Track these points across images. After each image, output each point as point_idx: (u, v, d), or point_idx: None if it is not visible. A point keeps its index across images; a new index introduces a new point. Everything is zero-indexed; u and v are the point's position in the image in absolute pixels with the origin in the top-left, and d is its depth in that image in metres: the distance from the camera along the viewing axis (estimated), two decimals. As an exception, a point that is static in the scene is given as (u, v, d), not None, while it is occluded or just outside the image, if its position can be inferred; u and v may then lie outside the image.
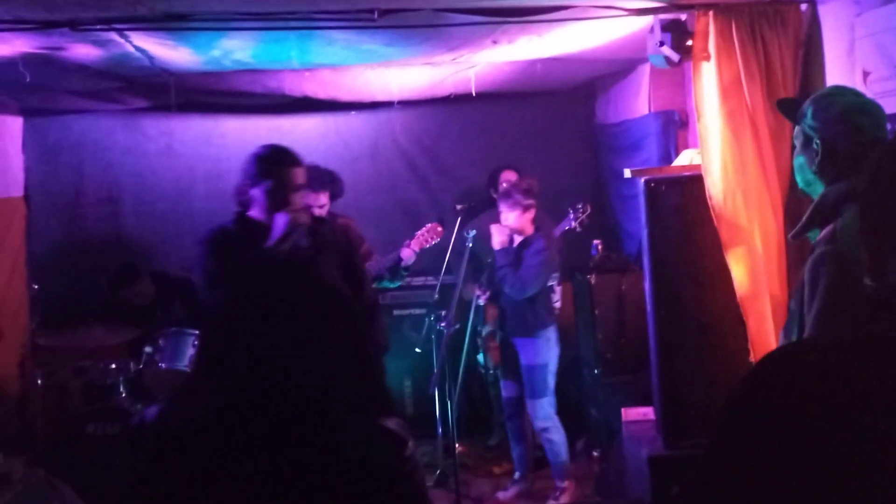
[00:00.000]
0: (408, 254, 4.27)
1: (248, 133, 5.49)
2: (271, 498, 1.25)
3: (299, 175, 3.06)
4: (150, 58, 3.93)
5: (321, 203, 4.28)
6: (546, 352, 4.19)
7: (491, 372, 4.65)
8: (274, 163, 3.02)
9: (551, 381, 4.22)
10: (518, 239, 4.25)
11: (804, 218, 2.03)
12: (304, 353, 1.32)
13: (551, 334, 4.22)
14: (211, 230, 3.08)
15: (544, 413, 4.18)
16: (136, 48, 3.73)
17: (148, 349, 4.30)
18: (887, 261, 0.90)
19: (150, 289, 4.71)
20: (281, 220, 2.97)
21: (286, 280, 1.38)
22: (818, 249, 1.93)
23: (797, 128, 2.13)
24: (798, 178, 2.16)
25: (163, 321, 4.56)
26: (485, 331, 4.47)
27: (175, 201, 5.45)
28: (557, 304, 4.59)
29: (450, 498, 4.05)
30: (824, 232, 1.93)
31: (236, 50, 3.76)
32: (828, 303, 1.81)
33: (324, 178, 4.30)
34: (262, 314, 1.34)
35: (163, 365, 4.25)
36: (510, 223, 4.20)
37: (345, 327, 1.37)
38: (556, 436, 4.21)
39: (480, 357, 4.59)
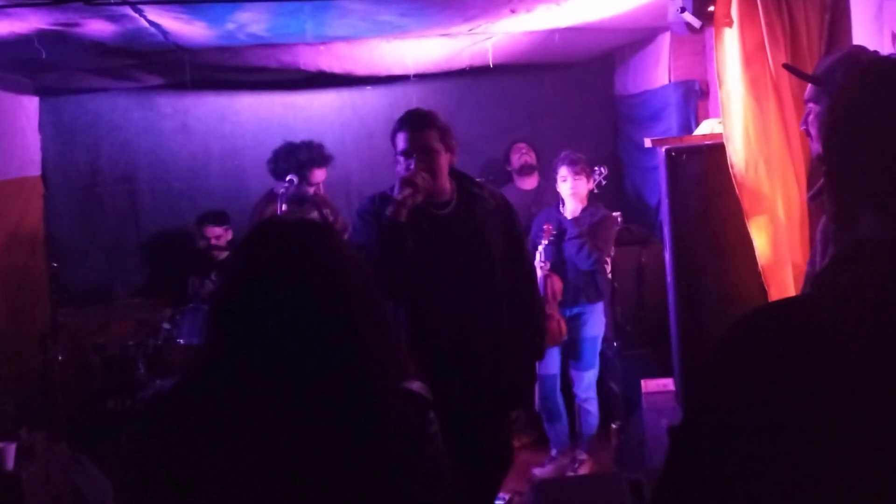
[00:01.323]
0: None
1: (262, 110, 5.50)
2: (294, 465, 1.23)
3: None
4: (165, 33, 3.92)
5: (323, 177, 4.36)
6: (602, 322, 4.26)
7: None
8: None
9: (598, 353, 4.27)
10: (580, 208, 4.18)
11: (822, 180, 2.00)
12: (324, 318, 1.30)
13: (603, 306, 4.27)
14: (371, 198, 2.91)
15: (589, 383, 4.21)
16: (150, 23, 3.71)
17: (166, 325, 4.35)
18: (859, 208, 0.86)
19: (226, 241, 4.78)
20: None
21: (302, 245, 1.36)
22: None
23: (817, 89, 2.09)
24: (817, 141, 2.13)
25: (200, 290, 4.59)
26: (549, 304, 4.35)
27: (191, 179, 5.46)
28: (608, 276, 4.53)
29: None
30: None
31: (250, 23, 3.74)
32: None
33: (324, 154, 4.39)
34: (278, 279, 1.31)
35: (181, 341, 4.29)
36: (580, 190, 4.12)
37: (362, 292, 1.35)
38: (594, 407, 4.26)
39: None
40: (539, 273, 4.14)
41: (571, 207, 4.12)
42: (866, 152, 0.86)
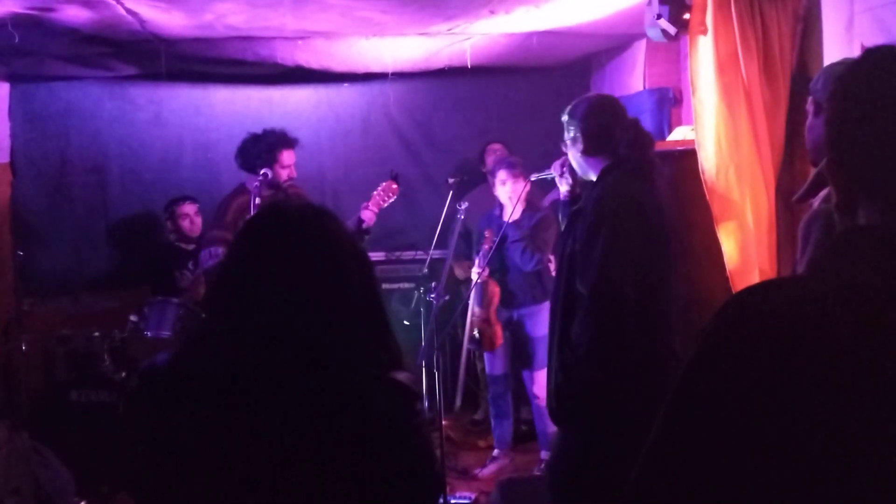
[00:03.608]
0: (368, 215, 4.17)
1: (237, 103, 5.45)
2: (283, 445, 1.24)
3: None
4: (142, 21, 3.88)
5: (293, 161, 4.29)
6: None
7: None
8: None
9: None
10: (520, 210, 4.21)
11: (807, 182, 2.05)
12: (317, 303, 1.30)
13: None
14: None
15: (543, 383, 4.22)
16: (128, 10, 3.67)
17: (133, 318, 4.29)
18: (857, 197, 0.89)
19: (198, 226, 4.75)
20: None
21: (299, 229, 1.37)
22: (813, 208, 1.96)
23: (809, 98, 2.14)
24: (810, 147, 2.18)
25: (180, 282, 4.53)
26: (486, 309, 4.40)
27: (163, 171, 5.38)
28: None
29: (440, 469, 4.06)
30: (822, 193, 1.96)
31: (229, 14, 3.72)
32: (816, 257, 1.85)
33: (289, 136, 4.30)
34: (275, 261, 1.32)
35: (148, 333, 4.23)
36: (518, 193, 4.09)
37: (359, 279, 1.36)
38: None
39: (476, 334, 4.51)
40: (476, 279, 4.16)
41: (511, 211, 4.13)
42: (864, 140, 0.88)
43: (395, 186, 4.30)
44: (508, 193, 4.18)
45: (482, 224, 4.35)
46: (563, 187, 2.82)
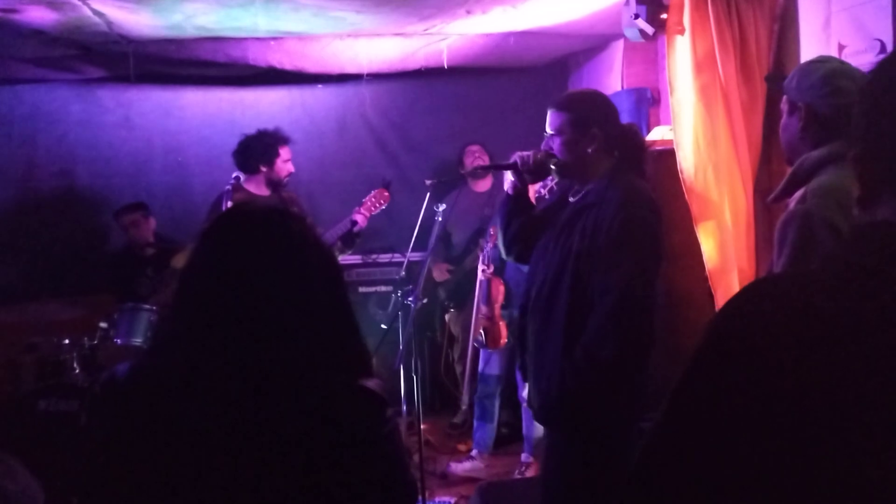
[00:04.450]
0: (361, 219, 4.23)
1: (209, 106, 5.37)
2: (249, 456, 1.20)
3: None
4: (109, 23, 3.80)
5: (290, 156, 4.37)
6: None
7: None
8: None
9: None
10: None
11: (783, 182, 2.05)
12: (282, 309, 1.26)
13: None
14: None
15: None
16: (94, 11, 3.59)
17: (103, 325, 4.21)
18: (881, 192, 0.88)
19: (149, 231, 4.67)
20: None
21: (266, 231, 1.32)
22: (788, 209, 1.95)
23: (784, 97, 2.14)
24: (784, 146, 2.18)
25: (138, 290, 4.45)
26: (490, 307, 4.35)
27: (132, 175, 5.29)
28: None
29: (414, 475, 4.02)
30: (797, 193, 1.96)
31: (199, 14, 3.65)
32: (793, 257, 1.84)
33: (283, 133, 4.38)
34: (238, 265, 1.28)
35: (118, 341, 4.16)
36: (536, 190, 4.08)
37: (325, 283, 1.32)
38: None
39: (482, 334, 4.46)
40: (481, 276, 4.12)
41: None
42: (887, 137, 0.87)
43: (386, 194, 4.34)
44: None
45: (494, 221, 4.30)
46: (510, 180, 2.65)
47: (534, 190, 4.13)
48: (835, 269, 0.88)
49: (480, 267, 4.23)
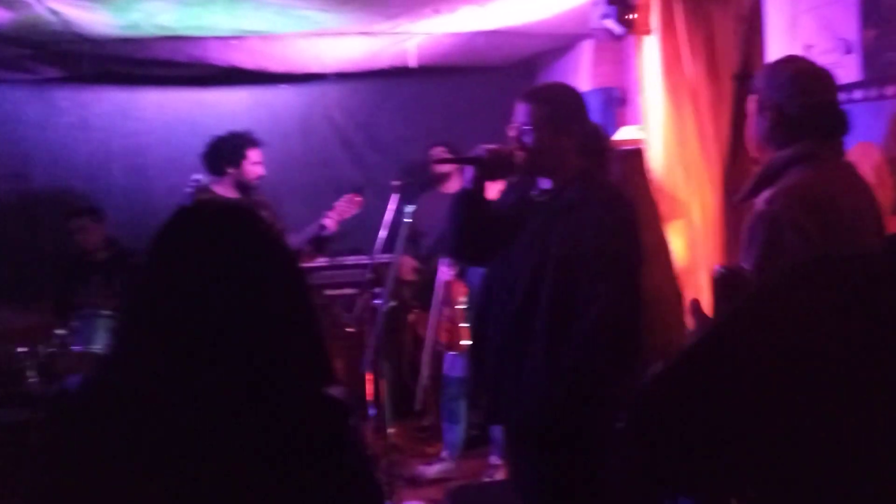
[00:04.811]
0: (331, 223, 4.20)
1: (168, 106, 5.26)
2: (209, 468, 1.15)
3: None
4: (65, 21, 3.69)
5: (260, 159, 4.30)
6: None
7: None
8: None
9: None
10: None
11: (750, 182, 2.05)
12: (247, 315, 1.20)
13: None
14: None
15: None
16: (50, 10, 3.49)
17: (60, 331, 4.09)
18: None
19: (99, 237, 4.54)
20: None
21: (220, 230, 1.25)
22: (756, 210, 1.96)
23: (751, 97, 2.14)
24: (751, 146, 2.18)
25: (84, 297, 4.33)
26: (451, 309, 4.31)
27: (90, 178, 5.15)
28: None
29: (381, 479, 3.97)
30: (764, 194, 1.96)
31: (158, 13, 3.56)
32: (759, 261, 1.84)
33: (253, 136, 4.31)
34: (194, 268, 1.21)
35: (76, 348, 4.04)
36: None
37: (284, 286, 1.26)
38: None
39: None
40: (442, 277, 4.11)
41: None
42: None
43: (358, 199, 4.30)
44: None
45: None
46: (471, 175, 2.43)
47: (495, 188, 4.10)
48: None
49: (442, 268, 4.19)
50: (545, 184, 2.36)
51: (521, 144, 2.30)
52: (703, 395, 0.88)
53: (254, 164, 4.23)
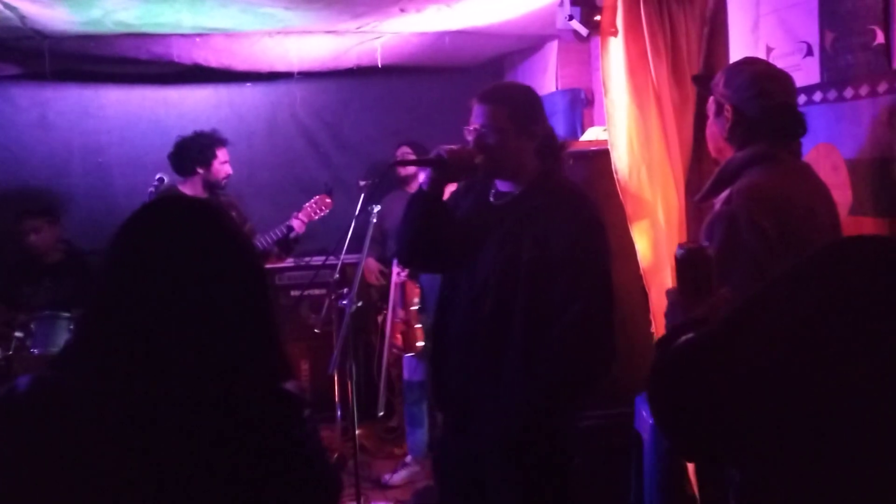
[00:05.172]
0: (298, 224, 4.18)
1: (131, 104, 5.18)
2: (162, 464, 1.14)
3: None
4: (22, 17, 3.61)
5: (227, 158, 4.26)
6: None
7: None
8: None
9: None
10: None
11: (709, 182, 2.08)
12: (202, 306, 1.20)
13: None
14: None
15: None
16: (5, 5, 3.40)
17: (18, 334, 4.00)
18: None
19: (53, 238, 4.45)
20: None
21: (181, 227, 1.25)
22: (714, 210, 1.98)
23: (710, 98, 2.16)
24: (711, 147, 2.21)
25: (33, 299, 4.24)
26: (406, 311, 4.30)
27: (49, 178, 5.07)
28: None
29: (349, 481, 3.94)
30: (722, 194, 1.99)
31: (119, 10, 3.49)
32: (718, 259, 1.86)
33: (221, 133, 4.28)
34: (147, 262, 1.20)
35: (35, 351, 3.97)
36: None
37: (249, 285, 1.26)
38: None
39: None
40: (395, 279, 4.09)
41: None
42: None
43: (328, 200, 4.29)
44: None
45: (392, 226, 4.26)
46: (428, 177, 2.30)
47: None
48: None
49: (395, 270, 4.17)
50: (503, 186, 2.31)
51: (480, 146, 2.23)
52: (739, 361, 0.95)
53: (222, 164, 4.20)
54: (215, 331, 1.20)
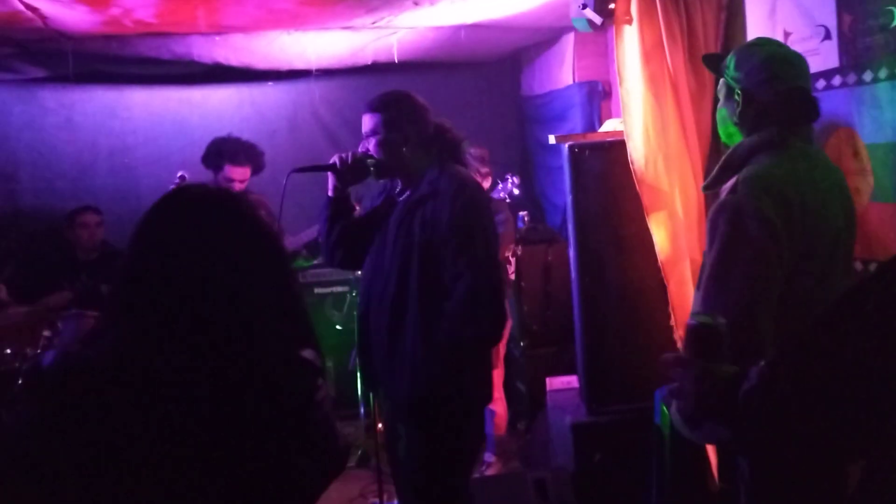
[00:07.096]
0: None
1: (155, 105, 5.24)
2: (181, 431, 1.20)
3: None
4: (43, 17, 3.66)
5: (244, 177, 4.26)
6: None
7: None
8: None
9: (502, 352, 4.20)
10: None
11: (716, 169, 2.01)
12: (220, 280, 1.28)
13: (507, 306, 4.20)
14: None
15: (495, 384, 4.15)
16: (26, 6, 3.45)
17: (47, 333, 4.05)
18: None
19: (100, 236, 4.53)
20: None
21: (206, 214, 1.34)
22: (719, 199, 1.91)
23: (721, 80, 2.10)
24: (721, 132, 2.15)
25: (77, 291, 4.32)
26: None
27: (76, 178, 5.15)
28: (511, 277, 4.45)
29: (371, 477, 3.94)
30: (729, 182, 1.92)
31: (137, 8, 3.52)
32: (723, 250, 1.80)
33: (248, 152, 4.29)
34: (176, 241, 1.30)
35: (64, 349, 4.01)
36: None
37: (266, 257, 1.35)
38: (500, 408, 4.18)
39: None
40: None
41: None
42: None
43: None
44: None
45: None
46: (331, 184, 2.69)
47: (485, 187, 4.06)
48: None
49: None
50: (402, 183, 2.59)
51: (369, 150, 2.55)
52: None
53: (229, 181, 4.25)
54: (235, 304, 1.28)
